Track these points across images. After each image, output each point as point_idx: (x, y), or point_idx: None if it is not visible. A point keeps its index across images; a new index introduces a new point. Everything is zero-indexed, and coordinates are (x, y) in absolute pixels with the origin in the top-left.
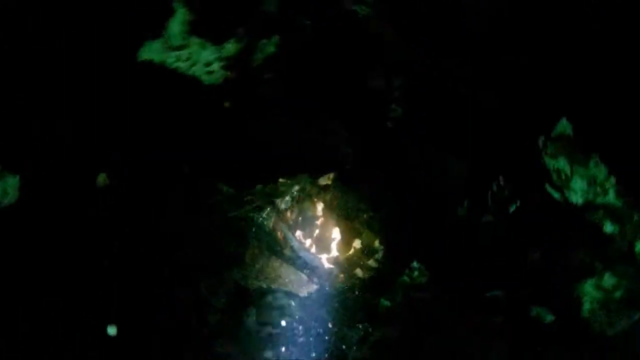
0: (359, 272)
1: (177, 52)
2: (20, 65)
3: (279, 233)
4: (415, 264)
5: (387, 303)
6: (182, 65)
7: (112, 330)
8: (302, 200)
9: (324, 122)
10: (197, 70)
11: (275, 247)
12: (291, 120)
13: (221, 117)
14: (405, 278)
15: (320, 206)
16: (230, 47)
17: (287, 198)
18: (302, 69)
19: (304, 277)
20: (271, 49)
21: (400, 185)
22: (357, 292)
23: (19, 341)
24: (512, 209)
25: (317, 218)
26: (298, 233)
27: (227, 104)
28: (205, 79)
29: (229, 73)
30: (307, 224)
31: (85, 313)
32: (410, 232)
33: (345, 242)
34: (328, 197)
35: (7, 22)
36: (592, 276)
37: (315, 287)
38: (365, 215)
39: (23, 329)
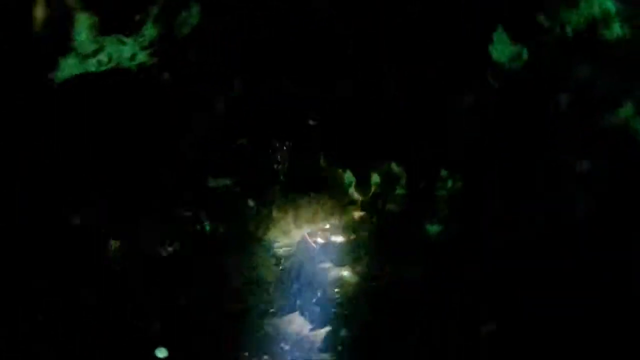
0: (391, 207)
1: (96, 58)
2: None
3: None
4: (444, 173)
5: (435, 228)
6: (106, 68)
7: (161, 354)
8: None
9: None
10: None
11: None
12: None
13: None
14: (442, 191)
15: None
16: (149, 32)
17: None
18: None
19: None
20: (194, 19)
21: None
22: (398, 227)
23: None
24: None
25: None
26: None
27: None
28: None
29: (155, 59)
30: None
31: None
32: (424, 142)
33: (363, 182)
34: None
35: None
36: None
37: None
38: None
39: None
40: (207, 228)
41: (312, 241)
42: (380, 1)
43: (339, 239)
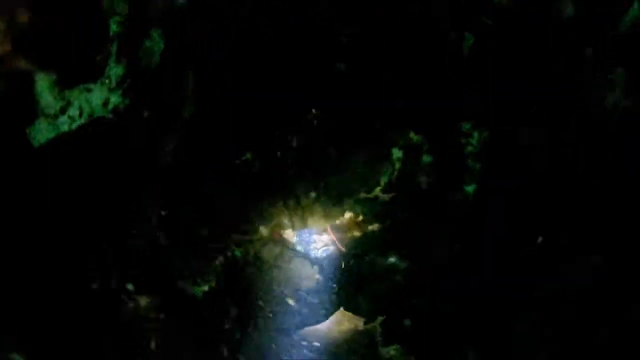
0: (422, 178)
1: (66, 115)
2: None
3: None
4: (465, 126)
5: (471, 188)
6: (81, 122)
7: None
8: None
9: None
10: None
11: None
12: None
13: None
14: (469, 147)
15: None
16: (115, 71)
17: None
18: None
19: None
20: (158, 46)
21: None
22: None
23: None
24: None
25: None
26: None
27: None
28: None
29: (127, 100)
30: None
31: None
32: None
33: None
34: None
35: None
36: None
37: None
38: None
39: None
40: (237, 253)
41: (346, 235)
42: None
43: (374, 226)
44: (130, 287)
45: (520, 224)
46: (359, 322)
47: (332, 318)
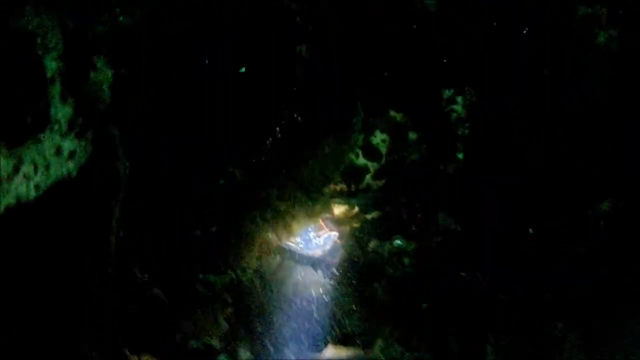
0: (413, 157)
1: (20, 174)
2: None
3: None
4: (447, 93)
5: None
6: (41, 179)
7: None
8: None
9: None
10: (58, 167)
11: None
12: None
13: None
14: (454, 114)
15: None
16: (63, 112)
17: None
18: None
19: None
20: (107, 75)
21: None
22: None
23: None
24: None
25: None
26: None
27: None
28: (72, 167)
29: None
30: None
31: None
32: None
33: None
34: None
35: None
36: None
37: None
38: None
39: None
40: (239, 272)
41: (344, 229)
42: None
43: (373, 214)
44: (127, 351)
45: (517, 220)
46: (356, 350)
47: (327, 351)
